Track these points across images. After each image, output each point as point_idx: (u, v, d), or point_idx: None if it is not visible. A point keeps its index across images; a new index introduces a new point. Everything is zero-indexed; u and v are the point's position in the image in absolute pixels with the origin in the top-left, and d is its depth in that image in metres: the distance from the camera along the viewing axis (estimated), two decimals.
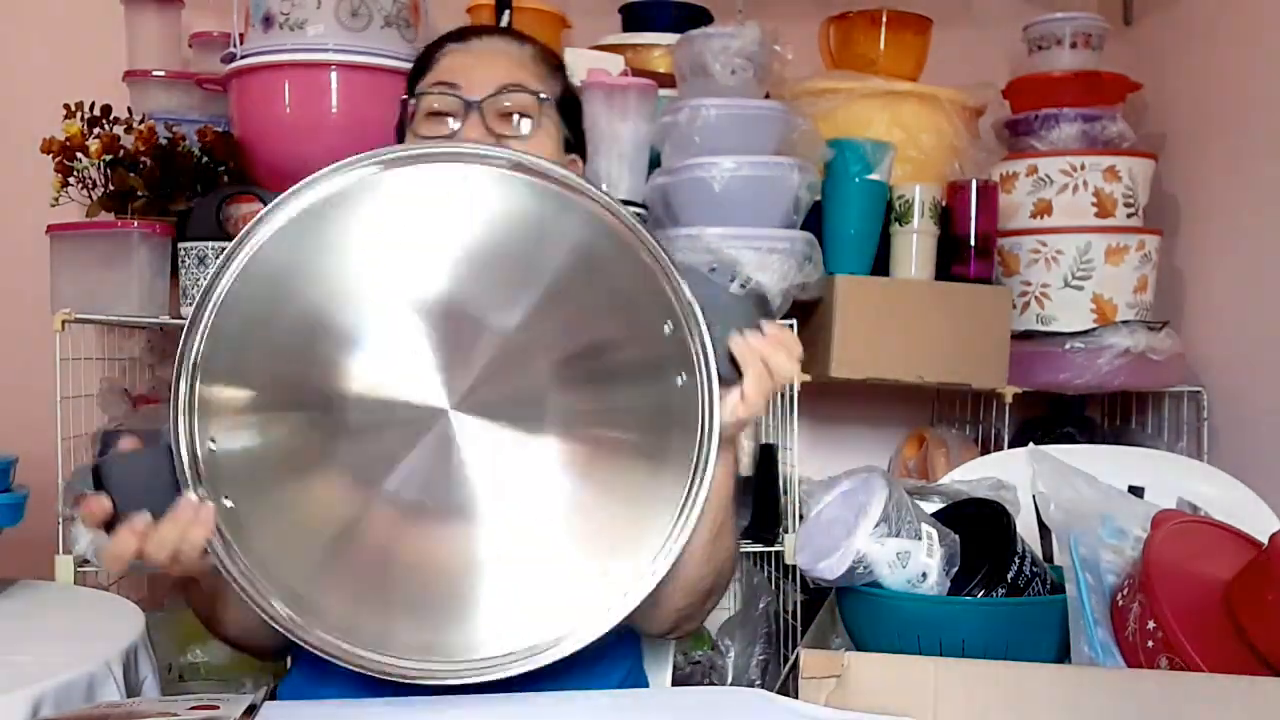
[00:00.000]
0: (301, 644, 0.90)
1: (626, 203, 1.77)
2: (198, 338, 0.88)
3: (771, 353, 0.96)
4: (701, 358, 0.92)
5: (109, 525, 0.88)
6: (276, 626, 0.89)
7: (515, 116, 1.18)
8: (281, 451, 0.91)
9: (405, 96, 1.24)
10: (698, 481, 0.92)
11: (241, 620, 1.09)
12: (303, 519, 0.91)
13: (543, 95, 1.20)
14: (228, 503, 0.88)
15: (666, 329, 0.93)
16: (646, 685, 1.24)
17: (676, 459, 0.93)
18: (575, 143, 1.27)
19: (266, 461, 0.90)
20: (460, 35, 1.27)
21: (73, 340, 1.70)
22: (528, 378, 0.93)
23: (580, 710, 0.94)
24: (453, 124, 1.18)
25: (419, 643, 0.91)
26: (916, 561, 1.04)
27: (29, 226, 1.76)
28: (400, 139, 1.26)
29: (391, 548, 0.92)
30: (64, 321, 1.66)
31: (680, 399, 0.93)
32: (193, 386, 0.88)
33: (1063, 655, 1.02)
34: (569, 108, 1.26)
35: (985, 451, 1.99)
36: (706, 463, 0.92)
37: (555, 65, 1.27)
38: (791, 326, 1.82)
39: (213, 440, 0.88)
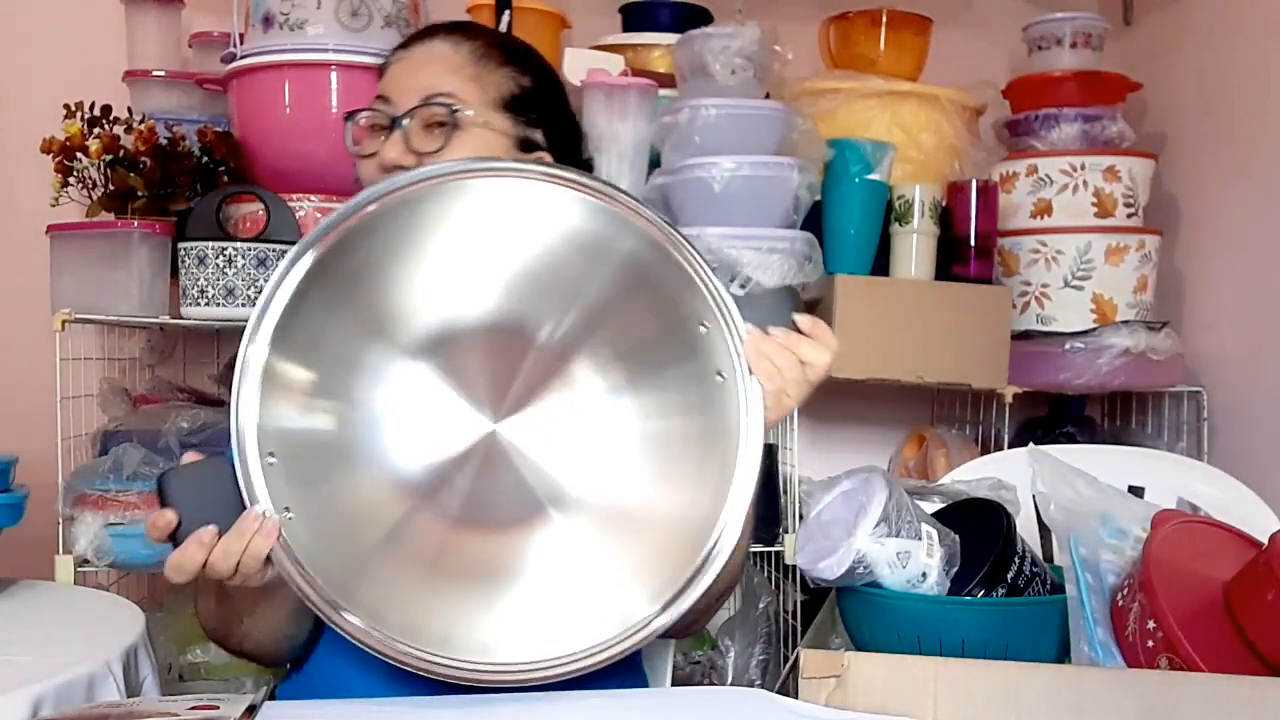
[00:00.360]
0: (352, 639, 0.89)
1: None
2: (263, 343, 0.90)
3: (792, 346, 0.96)
4: (737, 356, 0.93)
5: (173, 537, 0.89)
6: (342, 629, 0.89)
7: (440, 129, 1.12)
8: (334, 458, 0.92)
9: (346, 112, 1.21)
10: (740, 481, 0.92)
11: (256, 634, 1.08)
12: (350, 520, 0.92)
13: (457, 108, 1.12)
14: (289, 514, 0.89)
15: (702, 330, 0.94)
16: (646, 685, 1.24)
17: (718, 458, 0.93)
18: (549, 139, 1.19)
19: (320, 468, 0.92)
20: (406, 41, 1.21)
21: (73, 340, 1.70)
22: (570, 387, 0.95)
23: (580, 710, 0.94)
24: (370, 146, 1.15)
25: (454, 641, 0.91)
26: (916, 561, 1.04)
27: (29, 226, 1.76)
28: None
29: (436, 552, 0.93)
30: (64, 321, 1.66)
31: (720, 398, 0.94)
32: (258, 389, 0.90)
33: (1063, 655, 1.02)
34: (529, 104, 1.18)
35: (985, 451, 1.99)
36: (748, 462, 0.92)
37: (506, 59, 1.18)
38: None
39: (271, 455, 0.89)
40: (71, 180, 1.71)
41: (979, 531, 1.10)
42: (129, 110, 1.83)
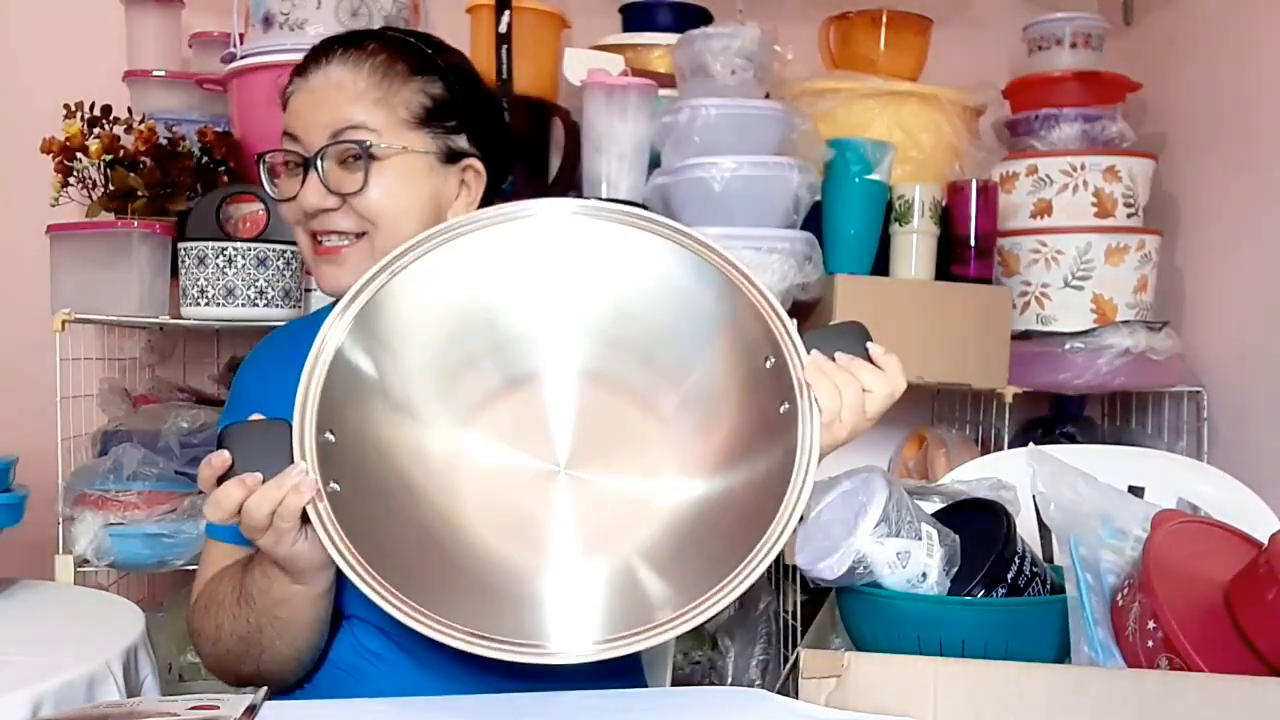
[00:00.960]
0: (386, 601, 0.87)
1: (626, 202, 1.78)
2: (344, 326, 0.92)
3: (855, 370, 0.97)
4: (802, 385, 0.94)
5: (220, 481, 0.90)
6: (368, 589, 0.86)
7: (355, 163, 1.09)
8: (394, 457, 0.94)
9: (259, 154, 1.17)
10: (792, 504, 0.92)
11: (277, 645, 1.05)
12: (398, 514, 0.93)
13: (369, 143, 1.08)
14: (335, 486, 0.89)
15: (768, 363, 0.95)
16: (646, 685, 1.24)
17: (775, 483, 0.93)
18: (475, 142, 1.15)
19: (376, 460, 0.93)
20: (300, 69, 1.15)
21: (73, 340, 1.70)
22: (635, 422, 0.97)
23: (580, 710, 0.94)
24: (290, 189, 1.12)
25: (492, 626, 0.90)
26: (916, 561, 1.03)
27: (29, 226, 1.76)
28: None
29: (477, 561, 0.94)
30: (64, 321, 1.66)
31: (782, 425, 0.94)
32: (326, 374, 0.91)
33: (1063, 655, 1.02)
34: (445, 112, 1.13)
35: (985, 451, 1.99)
36: (803, 486, 0.92)
37: (411, 70, 1.13)
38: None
39: (331, 432, 0.90)
40: (71, 180, 1.71)
41: (979, 531, 1.10)
42: (129, 110, 1.83)
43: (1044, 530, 1.24)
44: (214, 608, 1.07)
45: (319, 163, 1.09)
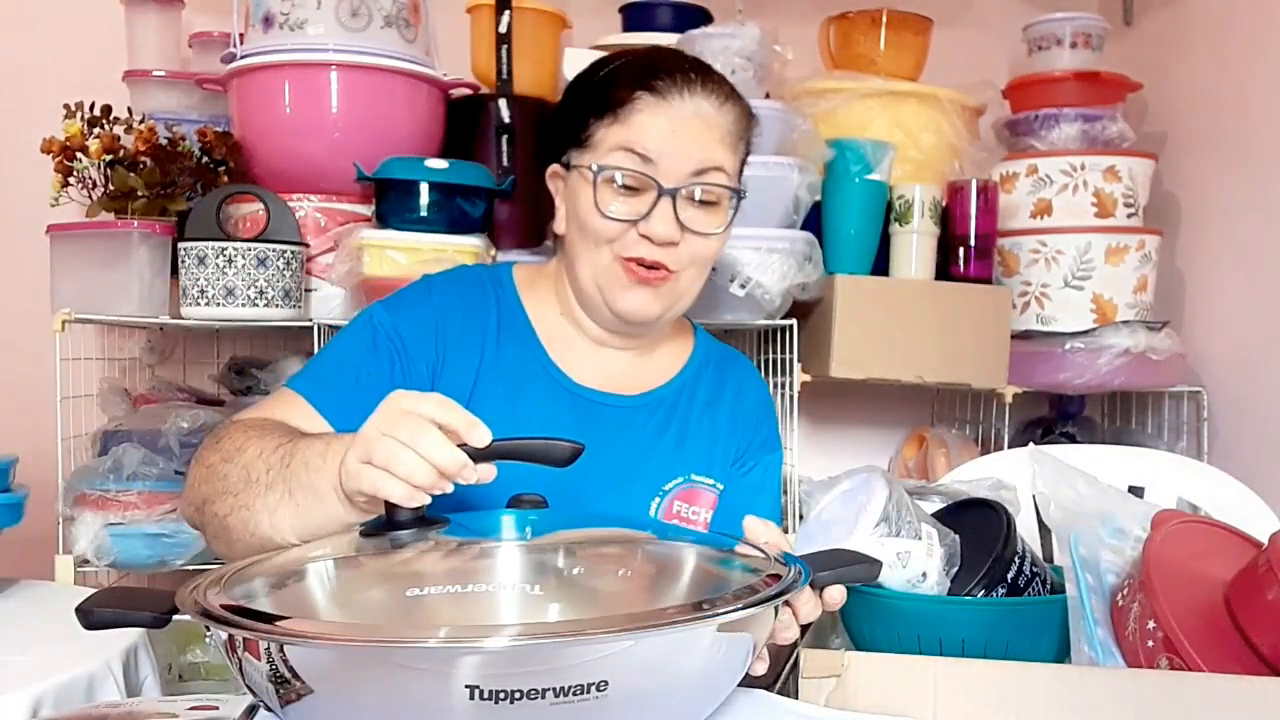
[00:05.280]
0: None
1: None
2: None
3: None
4: None
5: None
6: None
7: (703, 203, 1.12)
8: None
9: (593, 165, 1.11)
10: None
11: (253, 515, 0.93)
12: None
13: (743, 193, 1.14)
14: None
15: None
16: None
17: None
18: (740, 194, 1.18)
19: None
20: (654, 83, 1.11)
21: (73, 340, 1.70)
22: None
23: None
24: (636, 204, 1.10)
25: None
26: (916, 561, 1.04)
27: (29, 226, 1.76)
28: (554, 144, 1.18)
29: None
30: (64, 321, 1.66)
31: None
32: None
33: (1063, 655, 1.02)
34: (743, 171, 1.18)
35: (985, 451, 1.99)
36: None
37: (749, 124, 1.17)
38: (791, 329, 1.83)
39: None
40: (71, 180, 1.71)
41: (979, 531, 1.10)
42: (129, 110, 1.83)
43: (1044, 530, 1.24)
44: (245, 434, 0.98)
45: (676, 197, 1.10)
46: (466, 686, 0.64)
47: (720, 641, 0.73)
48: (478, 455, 0.83)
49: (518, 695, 0.65)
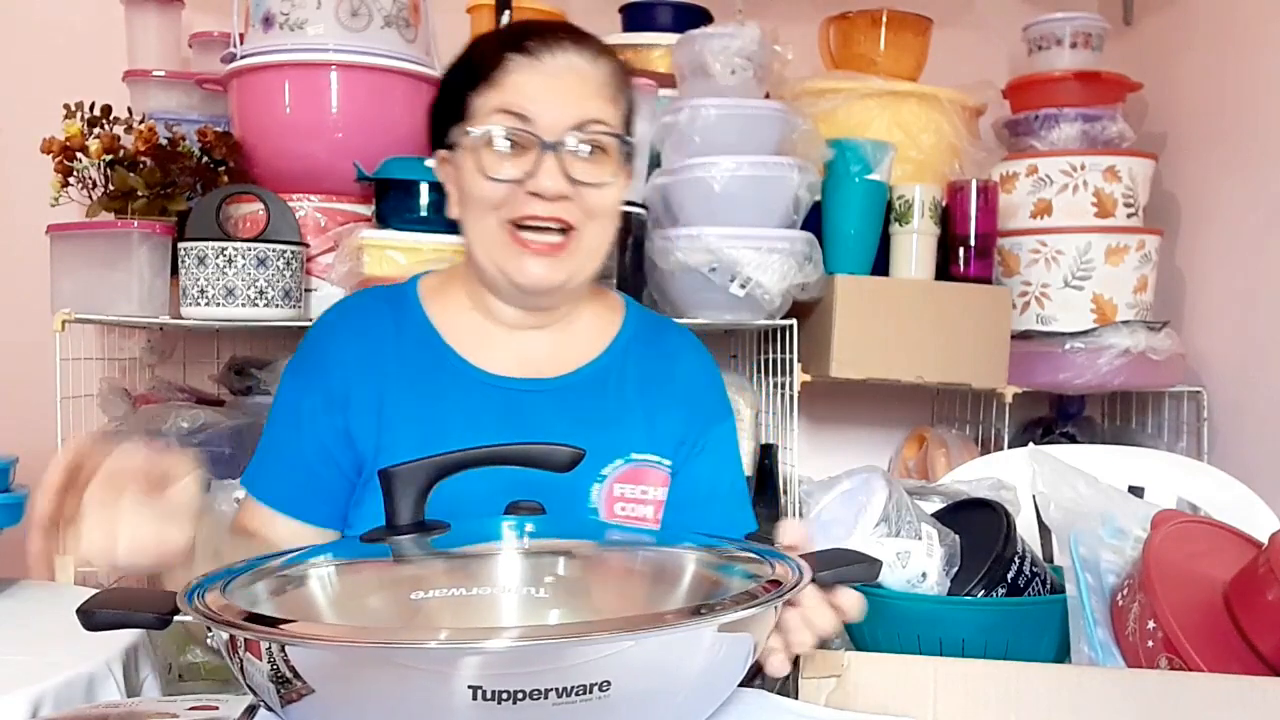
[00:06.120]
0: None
1: (627, 202, 1.78)
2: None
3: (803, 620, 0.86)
4: None
5: None
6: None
7: (589, 155, 1.08)
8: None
9: (470, 127, 1.09)
10: None
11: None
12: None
13: (626, 137, 1.11)
14: None
15: None
16: None
17: None
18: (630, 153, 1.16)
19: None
20: (525, 43, 1.09)
21: (73, 340, 1.70)
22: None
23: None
24: (521, 164, 1.07)
25: None
26: (916, 561, 1.04)
27: (29, 226, 1.76)
28: (437, 132, 1.16)
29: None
30: (64, 321, 1.66)
31: None
32: None
33: (1063, 655, 1.02)
34: (631, 122, 1.15)
35: (985, 451, 1.99)
36: None
37: (627, 79, 1.14)
38: (791, 329, 1.83)
39: None
40: (71, 180, 1.71)
41: (979, 531, 1.10)
42: (129, 110, 1.83)
43: (1044, 530, 1.24)
44: None
45: (562, 146, 1.07)
46: (469, 687, 0.64)
47: (721, 642, 0.73)
48: (476, 461, 0.83)
49: (520, 696, 0.64)
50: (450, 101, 1.13)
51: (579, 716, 0.67)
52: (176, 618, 0.74)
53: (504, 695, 0.64)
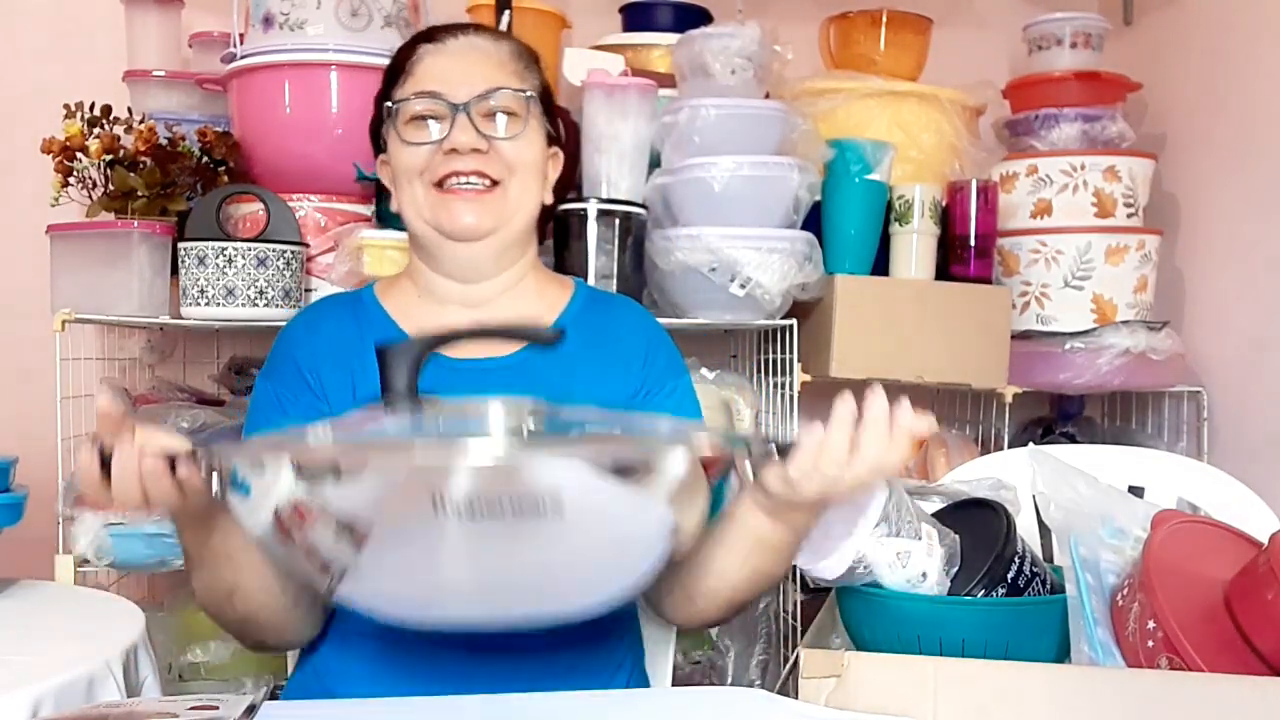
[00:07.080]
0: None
1: (627, 202, 1.78)
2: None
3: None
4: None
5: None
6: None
7: (501, 117, 1.18)
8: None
9: (387, 103, 1.20)
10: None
11: (246, 588, 1.05)
12: None
13: (528, 93, 1.19)
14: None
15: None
16: (647, 685, 1.24)
17: None
18: (555, 136, 1.26)
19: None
20: (432, 36, 1.23)
21: (73, 340, 1.70)
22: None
23: (581, 710, 0.94)
24: (437, 128, 1.17)
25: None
26: (916, 561, 1.04)
27: (29, 226, 1.76)
28: (377, 142, 1.25)
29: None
30: (64, 321, 1.66)
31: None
32: None
33: (1063, 655, 1.02)
34: (549, 103, 1.25)
35: (985, 451, 1.99)
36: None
37: (532, 60, 1.25)
38: (791, 329, 1.83)
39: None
40: (71, 180, 1.71)
41: (979, 531, 1.10)
42: (129, 110, 1.83)
43: (1044, 530, 1.24)
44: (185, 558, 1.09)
45: (470, 107, 1.15)
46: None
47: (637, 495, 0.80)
48: (465, 334, 1.00)
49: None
50: (381, 108, 1.23)
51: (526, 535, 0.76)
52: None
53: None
